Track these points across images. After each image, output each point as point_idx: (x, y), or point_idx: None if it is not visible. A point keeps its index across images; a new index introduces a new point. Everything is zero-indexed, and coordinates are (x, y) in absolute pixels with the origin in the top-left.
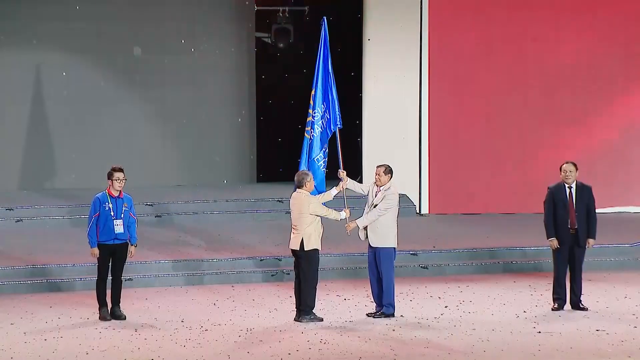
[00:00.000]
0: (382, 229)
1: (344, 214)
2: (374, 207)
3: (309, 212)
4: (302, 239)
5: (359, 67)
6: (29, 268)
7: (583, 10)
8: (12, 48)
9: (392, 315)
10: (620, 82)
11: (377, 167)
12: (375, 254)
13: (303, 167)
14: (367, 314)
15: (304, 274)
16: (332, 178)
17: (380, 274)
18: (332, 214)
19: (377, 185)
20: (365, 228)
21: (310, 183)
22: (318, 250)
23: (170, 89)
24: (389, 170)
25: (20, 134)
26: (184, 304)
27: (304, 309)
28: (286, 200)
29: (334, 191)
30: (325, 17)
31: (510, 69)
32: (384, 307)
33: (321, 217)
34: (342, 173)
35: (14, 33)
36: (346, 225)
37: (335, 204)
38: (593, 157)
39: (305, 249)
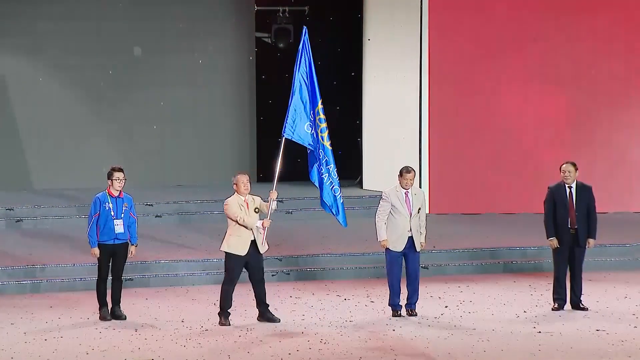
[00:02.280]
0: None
1: (259, 223)
2: (418, 212)
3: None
4: None
5: (359, 67)
6: (29, 268)
7: (583, 10)
8: (11, 48)
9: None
10: (621, 82)
11: (408, 172)
12: (413, 257)
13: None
14: (393, 316)
15: None
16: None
17: (412, 275)
18: (243, 220)
19: (403, 188)
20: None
21: (235, 185)
22: (228, 253)
23: (170, 89)
24: None
25: (20, 134)
26: (184, 304)
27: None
28: (286, 200)
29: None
30: (306, 27)
31: (510, 69)
32: (414, 305)
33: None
34: (273, 194)
35: (13, 32)
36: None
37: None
38: (593, 157)
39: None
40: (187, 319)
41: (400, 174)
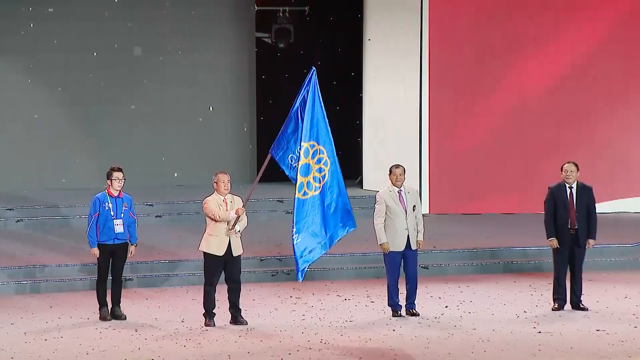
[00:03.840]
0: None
1: (233, 213)
2: (413, 210)
3: None
4: None
5: (359, 67)
6: (29, 268)
7: (583, 10)
8: (11, 48)
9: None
10: (620, 81)
11: (396, 167)
12: (412, 255)
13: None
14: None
15: None
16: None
17: (410, 274)
18: (218, 216)
19: (395, 187)
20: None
21: (215, 184)
22: (207, 253)
23: (170, 89)
24: None
25: (21, 134)
26: (184, 304)
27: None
28: (286, 200)
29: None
30: (314, 68)
31: (510, 69)
32: (413, 304)
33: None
34: (240, 210)
35: (12, 33)
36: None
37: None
38: (593, 157)
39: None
40: (187, 319)
41: (390, 172)
